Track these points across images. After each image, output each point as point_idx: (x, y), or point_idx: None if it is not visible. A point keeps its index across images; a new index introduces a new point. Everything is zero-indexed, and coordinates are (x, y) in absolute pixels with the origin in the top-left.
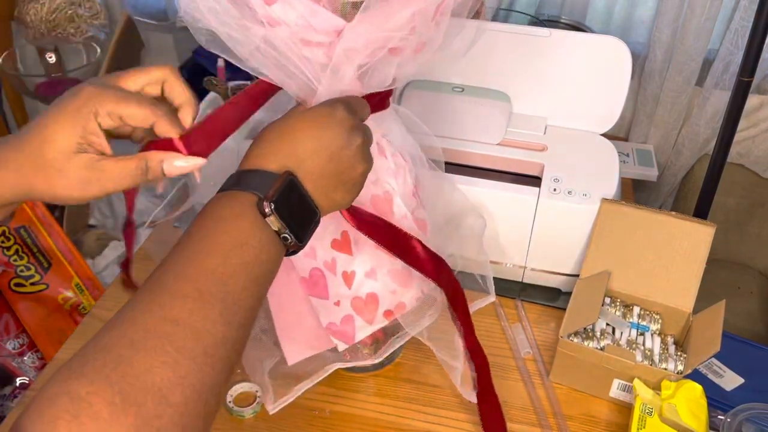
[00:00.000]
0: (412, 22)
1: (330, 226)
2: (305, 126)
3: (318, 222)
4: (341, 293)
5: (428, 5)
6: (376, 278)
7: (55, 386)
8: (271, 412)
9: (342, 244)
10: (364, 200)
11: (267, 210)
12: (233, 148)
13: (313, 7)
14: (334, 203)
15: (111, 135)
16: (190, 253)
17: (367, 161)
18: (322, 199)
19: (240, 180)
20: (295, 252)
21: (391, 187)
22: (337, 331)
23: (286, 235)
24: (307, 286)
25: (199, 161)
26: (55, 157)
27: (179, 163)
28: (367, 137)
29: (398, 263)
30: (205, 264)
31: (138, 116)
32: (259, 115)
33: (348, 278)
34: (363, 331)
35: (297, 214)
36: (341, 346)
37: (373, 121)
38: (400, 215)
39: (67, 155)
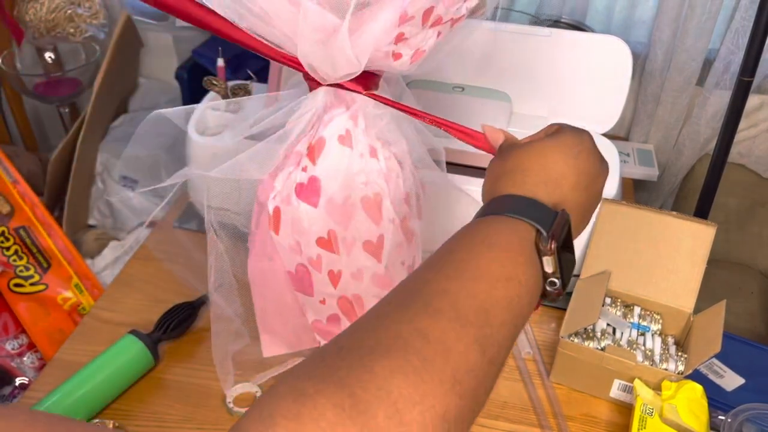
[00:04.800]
0: (398, 29)
1: (317, 224)
2: (562, 154)
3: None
4: (326, 292)
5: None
6: (362, 281)
7: (285, 384)
8: (228, 396)
9: (328, 243)
10: (355, 201)
11: (550, 249)
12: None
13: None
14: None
15: None
16: (453, 272)
17: (601, 194)
18: (573, 234)
19: (517, 207)
20: (545, 298)
21: (381, 189)
22: (322, 330)
23: (555, 280)
24: (293, 280)
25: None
26: None
27: None
28: (608, 167)
29: (381, 268)
30: (469, 287)
31: None
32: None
33: (334, 277)
34: None
35: (568, 258)
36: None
37: (369, 121)
38: (388, 219)
39: None
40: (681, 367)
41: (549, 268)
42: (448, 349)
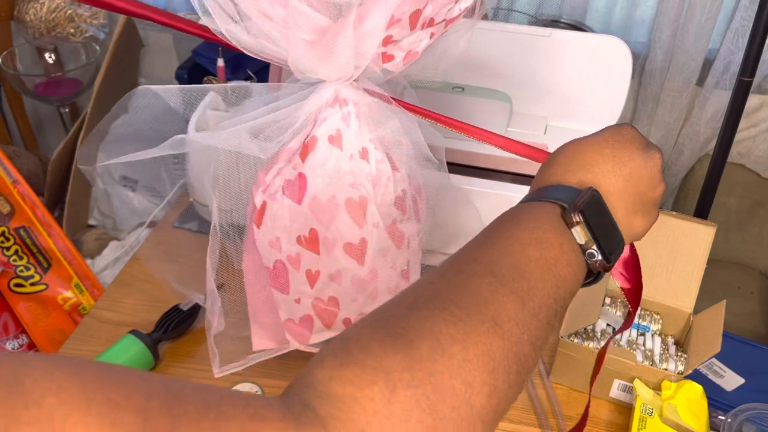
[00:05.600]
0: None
1: (298, 221)
2: (596, 145)
3: (623, 247)
4: (302, 291)
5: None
6: (341, 283)
7: (332, 339)
8: (216, 376)
9: (309, 241)
10: (339, 201)
11: (575, 219)
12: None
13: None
14: (633, 228)
15: None
16: (483, 244)
17: (663, 182)
18: (623, 221)
19: (541, 193)
20: (597, 278)
21: (368, 192)
22: (294, 329)
23: (593, 251)
24: (271, 276)
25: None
26: None
27: None
28: (660, 154)
29: (363, 270)
30: (501, 248)
31: None
32: (265, 119)
33: (312, 277)
34: (320, 334)
35: (603, 230)
36: (294, 345)
37: (364, 121)
38: (372, 223)
39: None
40: (681, 367)
41: (581, 240)
42: (484, 299)
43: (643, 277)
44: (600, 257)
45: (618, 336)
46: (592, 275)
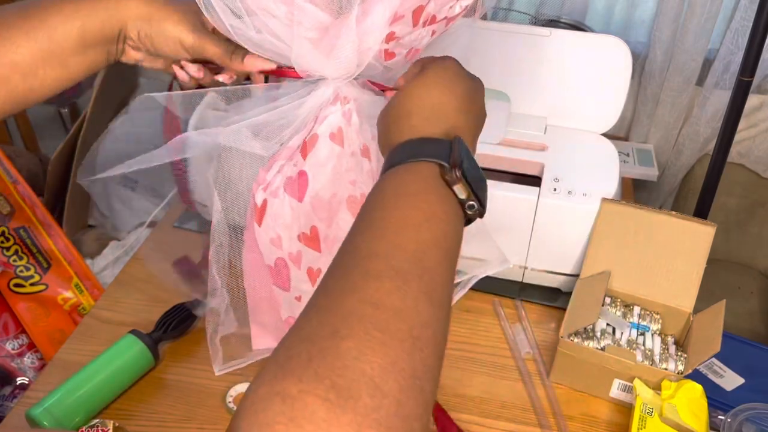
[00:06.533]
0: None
1: (300, 219)
2: (431, 84)
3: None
4: (303, 289)
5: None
6: None
7: (264, 386)
8: (217, 374)
9: (310, 239)
10: (341, 199)
11: (456, 177)
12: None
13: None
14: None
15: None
16: (377, 230)
17: (484, 109)
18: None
19: (412, 151)
20: (470, 223)
21: (369, 189)
22: None
23: (473, 203)
24: (272, 274)
25: (269, 65)
26: (181, 8)
27: (258, 62)
28: (480, 80)
29: None
30: (397, 240)
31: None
32: (265, 116)
33: (313, 275)
34: None
35: (477, 180)
36: None
37: (365, 119)
38: None
39: (188, 11)
40: (681, 367)
41: (462, 195)
42: (399, 311)
43: (643, 277)
44: (478, 206)
45: (618, 334)
46: (468, 222)
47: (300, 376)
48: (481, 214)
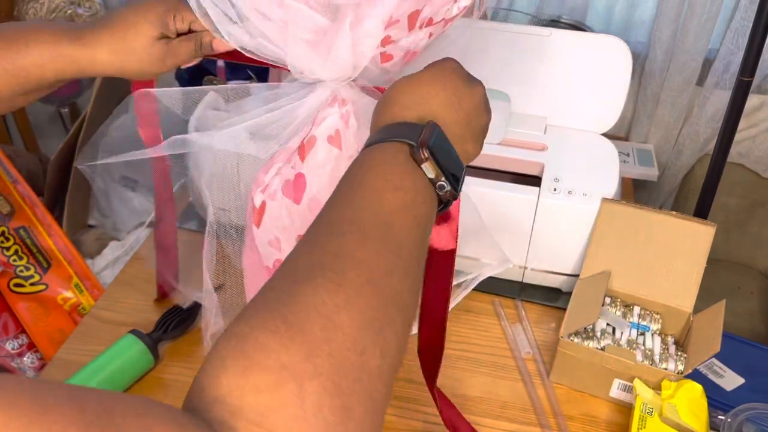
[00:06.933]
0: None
1: (297, 221)
2: (426, 80)
3: (464, 174)
4: None
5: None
6: None
7: (225, 333)
8: None
9: None
10: None
11: (423, 155)
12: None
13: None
14: (467, 155)
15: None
16: (343, 199)
17: (489, 112)
18: (459, 149)
19: (385, 133)
20: (446, 206)
21: None
22: None
23: (443, 183)
24: (269, 276)
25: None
26: (144, 45)
27: (223, 43)
28: (483, 86)
29: None
30: (363, 206)
31: (200, 25)
32: (264, 118)
33: None
34: None
35: (448, 161)
36: None
37: (363, 121)
38: None
39: (152, 43)
40: (681, 367)
41: (430, 174)
42: (358, 261)
43: (643, 277)
44: (449, 187)
45: (618, 334)
46: (442, 203)
47: (255, 317)
48: (454, 196)
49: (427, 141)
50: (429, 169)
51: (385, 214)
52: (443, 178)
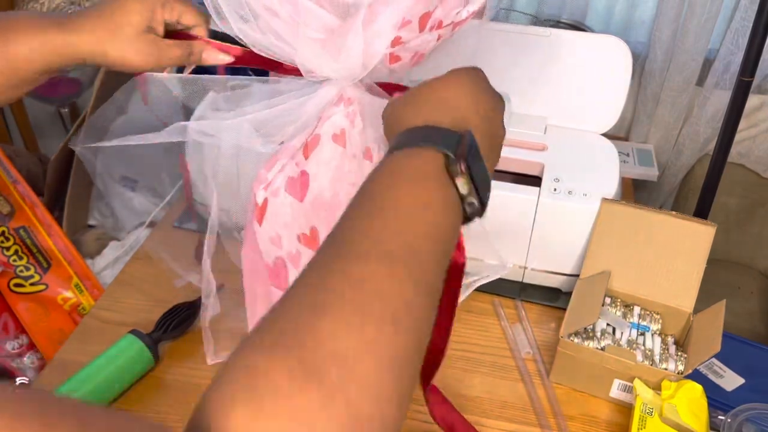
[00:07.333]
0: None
1: (300, 219)
2: (452, 81)
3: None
4: None
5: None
6: None
7: (236, 359)
8: (209, 363)
9: (309, 240)
10: (342, 200)
11: (460, 169)
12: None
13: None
14: (490, 170)
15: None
16: (370, 212)
17: (504, 128)
18: (487, 164)
19: (416, 137)
20: (468, 222)
21: None
22: None
23: (474, 201)
24: (270, 273)
25: (227, 59)
26: (129, 32)
27: (214, 55)
28: (504, 105)
29: None
30: (390, 225)
31: (191, 18)
32: (268, 113)
33: None
34: None
35: (480, 178)
36: None
37: (369, 121)
38: None
39: (138, 31)
40: (681, 367)
41: (463, 190)
42: (382, 293)
43: (643, 278)
44: (478, 205)
45: (618, 334)
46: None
47: (270, 350)
48: (480, 214)
49: (466, 153)
50: (463, 185)
51: (413, 237)
52: (474, 195)
